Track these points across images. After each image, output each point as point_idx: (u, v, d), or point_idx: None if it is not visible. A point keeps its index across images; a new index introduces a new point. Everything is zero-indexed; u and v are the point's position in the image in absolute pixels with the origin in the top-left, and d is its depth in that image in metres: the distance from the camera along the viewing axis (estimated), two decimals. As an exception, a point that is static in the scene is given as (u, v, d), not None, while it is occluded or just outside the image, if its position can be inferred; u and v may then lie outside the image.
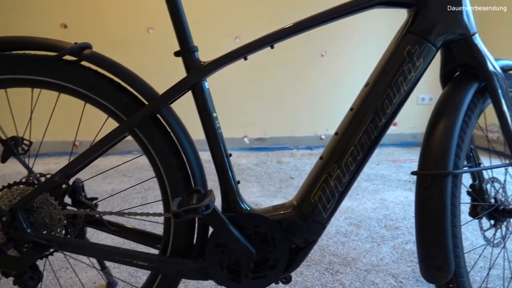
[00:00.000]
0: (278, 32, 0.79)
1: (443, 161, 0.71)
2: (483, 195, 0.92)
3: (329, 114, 3.06)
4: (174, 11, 0.77)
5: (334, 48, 2.96)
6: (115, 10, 2.67)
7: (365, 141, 0.78)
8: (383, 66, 0.79)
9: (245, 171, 2.44)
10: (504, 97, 0.79)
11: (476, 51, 0.79)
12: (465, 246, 1.46)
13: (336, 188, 0.79)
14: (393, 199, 1.96)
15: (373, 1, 0.78)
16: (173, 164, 0.78)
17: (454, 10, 0.77)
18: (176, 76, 0.83)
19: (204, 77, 0.77)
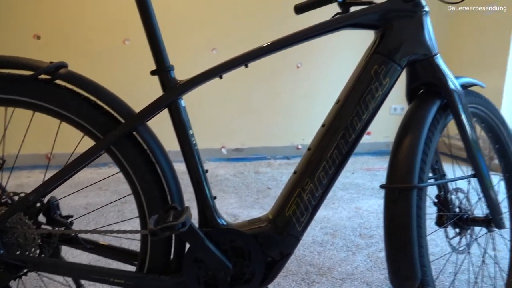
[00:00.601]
0: (253, 52, 0.82)
1: (408, 175, 0.75)
2: (448, 205, 0.97)
3: (305, 124, 3.11)
4: (150, 32, 0.79)
5: (310, 60, 3.03)
6: (90, 21, 2.65)
7: (336, 156, 0.82)
8: (352, 84, 0.83)
9: (222, 182, 2.45)
10: (464, 113, 0.85)
11: (438, 70, 0.84)
12: (435, 252, 1.52)
13: (310, 202, 0.82)
14: (368, 208, 2.01)
15: (343, 23, 0.82)
16: (149, 181, 0.79)
17: (417, 33, 0.82)
18: (153, 87, 0.85)
19: (180, 95, 0.79)
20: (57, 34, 2.63)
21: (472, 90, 0.96)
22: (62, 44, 2.64)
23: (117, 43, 2.72)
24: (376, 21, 0.82)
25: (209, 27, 2.82)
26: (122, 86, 2.75)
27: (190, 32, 2.79)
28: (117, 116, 0.80)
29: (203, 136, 2.95)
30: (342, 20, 0.82)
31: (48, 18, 2.61)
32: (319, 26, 0.82)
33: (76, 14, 2.63)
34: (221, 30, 2.84)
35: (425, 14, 0.83)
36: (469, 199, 1.00)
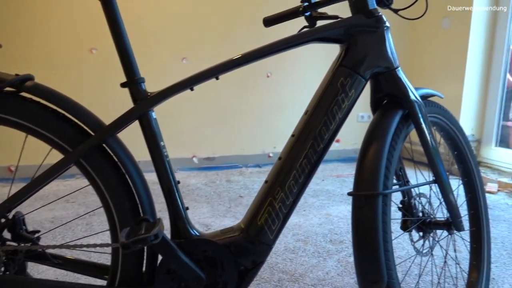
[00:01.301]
0: (224, 64, 0.83)
1: (374, 182, 0.78)
2: (412, 210, 1.02)
3: (276, 132, 3.15)
4: (120, 44, 0.79)
5: (280, 69, 3.08)
6: (55, 29, 2.59)
7: (305, 165, 0.84)
8: (320, 95, 0.86)
9: (194, 192, 2.44)
10: (425, 122, 0.90)
11: (399, 82, 0.89)
12: (402, 255, 1.57)
13: (281, 210, 0.84)
14: (338, 214, 2.06)
15: (309, 37, 0.86)
16: (120, 193, 0.78)
17: (379, 47, 0.87)
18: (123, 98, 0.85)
19: (150, 108, 0.79)
20: (20, 42, 2.55)
21: (431, 101, 1.02)
22: (25, 53, 2.55)
23: (84, 52, 2.66)
24: (341, 36, 0.86)
25: (179, 37, 2.82)
26: (91, 97, 2.70)
27: (160, 42, 2.78)
28: (86, 128, 0.79)
29: (173, 146, 2.93)
30: (309, 34, 0.86)
31: (10, 25, 2.52)
32: (287, 40, 0.85)
33: (40, 21, 2.56)
34: (191, 40, 2.84)
35: (386, 29, 0.88)
36: (431, 203, 1.06)
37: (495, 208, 2.16)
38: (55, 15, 2.57)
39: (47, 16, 2.56)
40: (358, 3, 0.87)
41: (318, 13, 1.04)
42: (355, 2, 0.87)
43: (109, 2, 0.78)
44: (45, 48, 2.59)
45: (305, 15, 1.06)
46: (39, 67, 2.58)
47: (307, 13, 1.05)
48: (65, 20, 2.59)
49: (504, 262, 1.53)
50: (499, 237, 1.76)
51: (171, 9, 2.77)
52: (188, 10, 2.80)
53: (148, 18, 2.73)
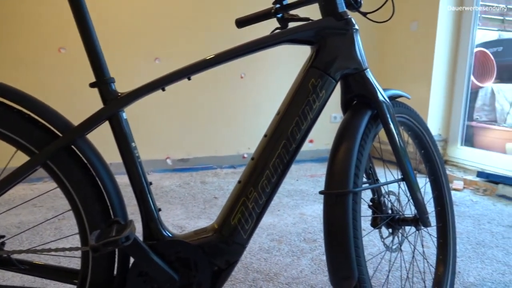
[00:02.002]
0: (196, 65, 0.83)
1: (344, 181, 0.80)
2: (381, 207, 1.05)
3: (250, 133, 3.16)
4: (88, 43, 0.77)
5: (253, 70, 3.10)
6: (21, 28, 2.50)
7: (278, 164, 0.85)
8: (291, 96, 0.87)
9: (168, 193, 2.41)
10: (393, 122, 0.92)
11: (368, 83, 0.91)
12: (373, 252, 1.61)
13: (254, 209, 0.85)
14: (311, 213, 2.09)
15: (281, 39, 0.87)
16: (90, 196, 0.77)
17: (349, 49, 0.89)
18: (93, 98, 0.83)
19: (121, 108, 0.78)
20: (-17, 40, 2.44)
21: (399, 101, 1.05)
22: (-11, 51, 2.45)
23: (52, 51, 2.58)
24: (311, 37, 0.88)
25: (151, 37, 2.78)
26: (59, 97, 2.62)
27: (131, 42, 2.73)
28: (53, 129, 0.77)
29: (147, 147, 2.88)
30: (280, 35, 0.87)
31: (-27, 23, 2.42)
32: (259, 41, 0.86)
33: (6, 20, 2.46)
34: (164, 40, 2.81)
35: (355, 31, 0.90)
36: (400, 201, 1.09)
37: (460, 205, 2.25)
38: (22, 13, 2.48)
39: (13, 14, 2.47)
40: (327, 6, 0.89)
41: (289, 15, 1.06)
42: (324, 5, 0.89)
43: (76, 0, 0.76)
44: (11, 47, 2.49)
45: (277, 17, 1.07)
46: (5, 67, 2.48)
47: (279, 14, 1.06)
48: (32, 18, 2.50)
49: (469, 256, 1.60)
50: (464, 232, 1.84)
51: (144, 8, 2.73)
52: (162, 10, 2.77)
53: (120, 17, 2.67)
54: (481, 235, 1.81)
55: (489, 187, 2.47)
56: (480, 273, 1.45)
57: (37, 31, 2.53)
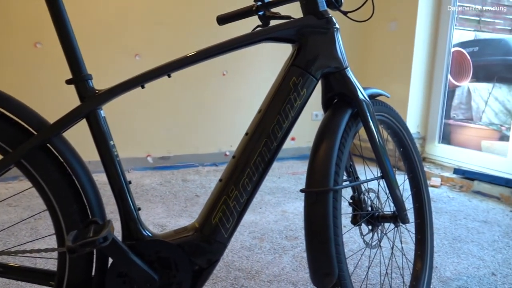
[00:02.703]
0: (176, 62, 0.82)
1: (324, 179, 0.81)
2: (361, 205, 1.06)
3: (232, 130, 3.15)
4: (64, 38, 0.75)
5: (235, 68, 3.08)
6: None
7: (259, 163, 0.85)
8: (273, 94, 0.87)
9: (149, 192, 2.38)
10: (372, 121, 0.94)
11: (348, 82, 0.92)
12: (353, 248, 1.64)
13: (235, 208, 0.85)
14: (293, 210, 2.10)
15: (262, 37, 0.87)
16: (67, 196, 0.75)
17: (330, 47, 0.90)
18: (70, 95, 0.81)
19: (98, 106, 0.76)
20: (-46, 34, 2.35)
21: (379, 100, 1.06)
22: (-39, 46, 2.36)
23: (28, 46, 2.50)
24: (292, 36, 0.88)
25: (132, 32, 2.73)
26: (35, 94, 2.54)
27: (111, 38, 2.68)
28: (28, 127, 0.74)
29: (127, 145, 2.84)
30: (261, 34, 0.87)
31: None
32: (240, 39, 0.86)
33: (-22, 12, 2.37)
34: (144, 36, 2.77)
35: (336, 30, 0.90)
36: (379, 198, 1.11)
37: (438, 201, 2.31)
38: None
39: (-15, 6, 2.38)
40: (308, 5, 0.89)
41: (271, 12, 1.06)
42: (306, 4, 0.89)
43: (52, -6, 0.74)
44: (-17, 41, 2.40)
45: (259, 14, 1.06)
46: (-24, 62, 2.40)
47: (260, 12, 1.06)
48: (6, 11, 2.42)
49: (446, 251, 1.64)
50: (442, 228, 1.89)
51: (124, 3, 2.67)
52: (142, 5, 2.72)
53: (100, 11, 2.62)
54: (458, 231, 1.86)
55: (465, 184, 2.54)
56: (456, 268, 1.49)
57: (12, 25, 2.45)
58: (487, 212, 2.13)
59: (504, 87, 3.50)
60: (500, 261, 1.55)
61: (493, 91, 3.50)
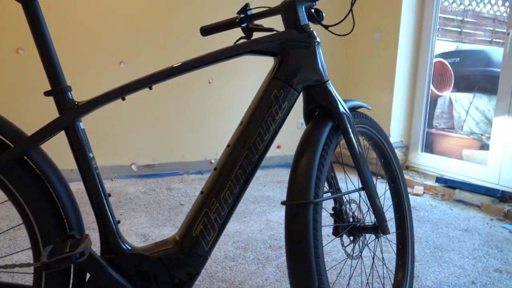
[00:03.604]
0: (157, 74, 0.82)
1: (305, 192, 0.81)
2: (343, 216, 1.07)
3: (218, 138, 3.15)
4: (44, 50, 0.74)
5: (221, 75, 3.09)
6: (-25, 27, 2.37)
7: (240, 175, 0.85)
8: (254, 107, 0.88)
9: (132, 200, 2.36)
10: (353, 133, 0.95)
11: (329, 95, 0.93)
12: (337, 258, 1.64)
13: (216, 220, 0.84)
14: (278, 219, 2.10)
15: (244, 50, 0.88)
16: (44, 209, 0.74)
17: (311, 61, 0.91)
18: (50, 103, 0.80)
19: (77, 118, 0.76)
20: None
21: (360, 112, 1.08)
22: None
23: (9, 52, 2.46)
24: (274, 49, 0.89)
25: (116, 39, 2.71)
26: (14, 103, 2.50)
27: (95, 44, 2.66)
28: (4, 140, 0.73)
29: (111, 152, 2.80)
30: (244, 46, 0.87)
31: None
32: (223, 51, 0.86)
33: (-42, 18, 2.33)
34: (129, 43, 2.75)
35: (317, 44, 0.92)
36: (361, 209, 1.12)
37: (420, 210, 2.34)
38: (-25, 11, 2.36)
39: (-34, 12, 2.34)
40: (290, 19, 0.90)
41: (254, 25, 1.07)
42: (287, 17, 0.90)
43: (31, 4, 0.73)
44: (-37, 46, 2.36)
45: (242, 26, 1.07)
46: (-45, 68, 2.35)
47: (243, 24, 1.07)
48: (-13, 17, 2.38)
49: (427, 260, 1.66)
50: (424, 237, 1.91)
51: (108, 9, 2.66)
52: (127, 11, 2.71)
53: (83, 17, 2.59)
54: (439, 239, 1.88)
55: (447, 192, 2.58)
56: (437, 277, 1.51)
57: (-7, 31, 2.41)
58: (468, 220, 2.17)
59: (485, 97, 3.59)
60: (480, 270, 1.58)
61: (474, 101, 3.58)
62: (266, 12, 1.02)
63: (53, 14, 2.50)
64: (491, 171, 2.53)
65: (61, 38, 2.53)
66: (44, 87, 2.52)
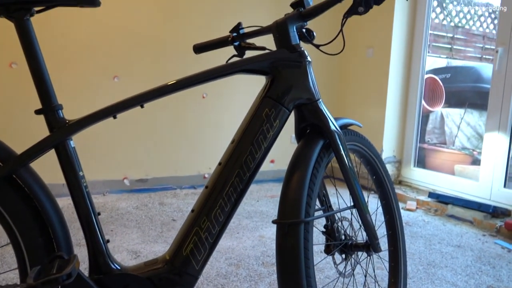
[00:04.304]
0: (149, 93, 0.82)
1: (296, 210, 0.81)
2: (334, 234, 1.07)
3: (211, 153, 3.14)
4: (36, 69, 0.75)
5: (215, 90, 3.10)
6: (-31, 41, 2.37)
7: (231, 193, 0.85)
8: (246, 125, 0.88)
9: (124, 216, 2.33)
10: (344, 151, 0.95)
11: (320, 113, 0.94)
12: (330, 275, 1.63)
13: (207, 239, 0.84)
14: (271, 235, 2.09)
15: (236, 69, 0.88)
16: (32, 229, 0.73)
17: (302, 80, 0.92)
18: (41, 121, 0.80)
19: (68, 136, 0.75)
20: None
21: (351, 130, 1.09)
22: None
23: (2, 66, 2.46)
24: (266, 68, 0.90)
25: (110, 54, 2.73)
26: (6, 119, 2.48)
27: (89, 58, 2.66)
28: (-7, 158, 0.73)
29: (103, 167, 2.79)
30: (236, 65, 0.88)
31: None
32: (215, 71, 0.87)
33: (-48, 32, 2.33)
34: (123, 58, 2.76)
35: (308, 63, 0.93)
36: (352, 226, 1.12)
37: (413, 225, 2.34)
38: (-31, 26, 2.36)
39: (-40, 26, 2.34)
40: (281, 38, 0.91)
41: (246, 43, 1.08)
42: (279, 37, 0.92)
43: (23, 24, 0.74)
44: (-45, 60, 2.35)
45: (234, 45, 1.09)
46: None
47: (236, 43, 1.08)
48: (-19, 31, 2.39)
49: (420, 277, 1.65)
50: (417, 253, 1.91)
51: (102, 24, 2.68)
52: (121, 26, 2.73)
53: (77, 32, 2.61)
54: (432, 256, 1.88)
55: (439, 207, 2.59)
56: (430, 294, 1.50)
57: (-13, 45, 2.41)
58: (461, 236, 2.17)
59: (475, 113, 3.64)
60: (472, 287, 1.57)
61: (465, 116, 3.63)
62: (258, 31, 1.03)
63: (46, 29, 2.51)
64: (483, 187, 2.54)
65: (55, 52, 2.54)
66: (37, 103, 2.51)
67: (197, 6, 2.94)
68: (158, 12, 2.82)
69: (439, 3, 4.28)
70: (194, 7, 2.93)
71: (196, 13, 2.94)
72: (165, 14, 2.84)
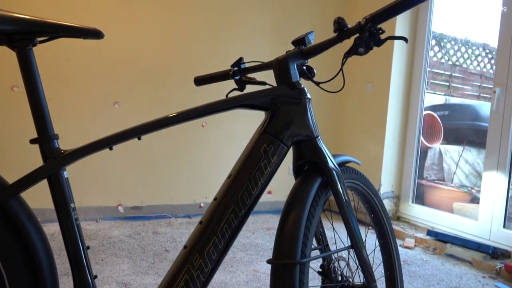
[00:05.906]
0: (146, 125, 0.81)
1: (291, 251, 0.79)
2: (331, 274, 1.03)
3: (208, 182, 3.11)
4: (34, 99, 0.74)
5: (215, 119, 3.11)
6: (-27, 64, 2.39)
7: (226, 230, 0.83)
8: (243, 160, 0.87)
9: (116, 244, 2.28)
10: (342, 189, 0.94)
11: (319, 151, 0.93)
12: (325, 315, 1.57)
13: (199, 278, 0.81)
14: (265, 270, 2.03)
15: (236, 103, 0.88)
16: (18, 264, 0.70)
17: (301, 117, 0.92)
18: (36, 149, 0.78)
19: (62, 167, 0.74)
20: None
21: (350, 167, 1.08)
22: None
23: (3, 89, 2.47)
24: (266, 104, 0.90)
25: (111, 80, 2.75)
26: (4, 144, 2.48)
27: (90, 85, 2.69)
28: (-17, 188, 0.71)
29: (97, 192, 2.75)
30: (237, 100, 0.88)
31: None
32: (215, 105, 0.87)
33: (-43, 54, 2.36)
34: (124, 84, 2.79)
35: (308, 101, 0.93)
36: (350, 266, 1.09)
37: (412, 264, 2.29)
38: (-25, 49, 2.39)
39: (-35, 48, 2.37)
40: (282, 75, 0.92)
41: (247, 77, 1.09)
42: (279, 74, 0.92)
43: (25, 53, 0.74)
44: (-42, 82, 2.37)
45: (235, 79, 1.09)
46: None
47: (236, 76, 1.09)
48: (-14, 54, 2.42)
49: (418, 320, 1.59)
50: (415, 294, 1.85)
51: (103, 50, 2.72)
52: (122, 53, 2.77)
53: (79, 58, 2.64)
54: (431, 297, 1.82)
55: (438, 246, 2.54)
56: None
57: (-9, 68, 2.43)
58: (460, 277, 2.12)
59: (474, 150, 3.65)
60: (473, 333, 1.52)
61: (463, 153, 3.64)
62: (259, 66, 1.04)
63: (48, 55, 2.55)
64: (482, 226, 2.51)
65: (56, 77, 2.56)
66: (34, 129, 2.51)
67: (199, 36, 3.00)
68: (160, 40, 2.87)
69: (437, 42, 4.39)
70: (196, 36, 2.99)
71: (198, 43, 2.99)
72: (167, 43, 2.90)
